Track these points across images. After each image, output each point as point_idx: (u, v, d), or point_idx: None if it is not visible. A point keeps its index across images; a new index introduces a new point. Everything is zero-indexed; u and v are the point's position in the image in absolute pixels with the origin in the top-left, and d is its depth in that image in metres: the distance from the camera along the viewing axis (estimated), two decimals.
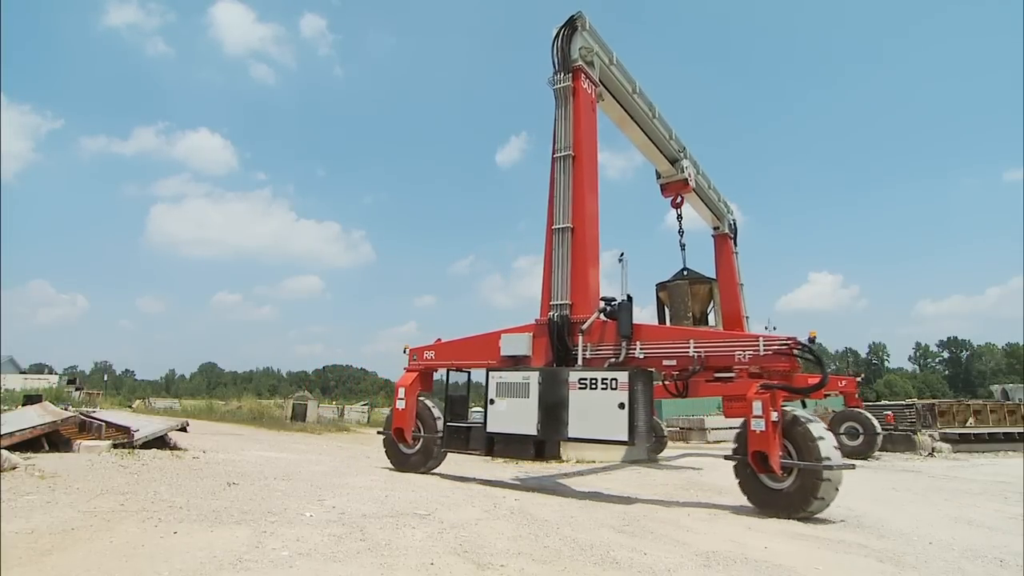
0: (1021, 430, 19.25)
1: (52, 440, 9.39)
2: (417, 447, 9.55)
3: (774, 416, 6.72)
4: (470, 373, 9.93)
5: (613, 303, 8.47)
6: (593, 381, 7.65)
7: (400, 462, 9.67)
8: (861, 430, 16.22)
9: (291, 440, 16.01)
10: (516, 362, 8.81)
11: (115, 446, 9.67)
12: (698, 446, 19.86)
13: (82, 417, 10.70)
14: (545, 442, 8.19)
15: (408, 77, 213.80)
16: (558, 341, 8.56)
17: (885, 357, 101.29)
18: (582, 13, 9.88)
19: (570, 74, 9.64)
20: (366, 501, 6.48)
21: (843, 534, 6.04)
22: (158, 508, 5.56)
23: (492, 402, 8.48)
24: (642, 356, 7.99)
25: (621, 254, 9.11)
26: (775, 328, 16.71)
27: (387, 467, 9.95)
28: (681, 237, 14.90)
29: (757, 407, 6.83)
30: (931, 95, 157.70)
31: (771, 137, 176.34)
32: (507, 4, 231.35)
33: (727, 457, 7.32)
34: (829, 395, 18.85)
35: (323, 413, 26.70)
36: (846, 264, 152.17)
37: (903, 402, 23.31)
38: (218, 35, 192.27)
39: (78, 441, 9.63)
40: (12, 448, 8.28)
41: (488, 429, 8.49)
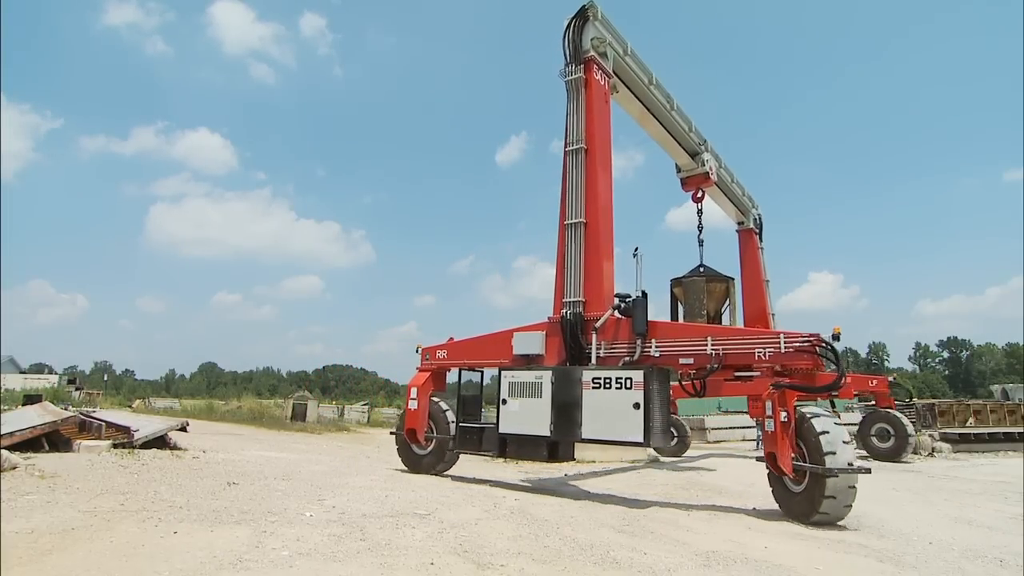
0: (1021, 430, 19.26)
1: (52, 440, 9.38)
2: (430, 448, 9.41)
3: (783, 416, 6.56)
4: (483, 373, 9.73)
5: (628, 300, 8.23)
6: (607, 380, 7.43)
7: (413, 464, 9.54)
8: (893, 432, 15.91)
9: (291, 440, 15.99)
10: (529, 361, 8.61)
11: (115, 446, 9.66)
12: (698, 446, 19.81)
13: (82, 417, 10.69)
14: (559, 443, 8.00)
15: (408, 77, 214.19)
16: (571, 339, 8.34)
17: (885, 357, 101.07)
18: (594, 2, 9.57)
19: (582, 65, 9.37)
20: (366, 501, 6.48)
21: (843, 534, 6.04)
22: (158, 508, 5.57)
23: (504, 402, 8.29)
24: (658, 354, 7.74)
25: (636, 249, 8.74)
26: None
27: (387, 467, 9.95)
28: (700, 233, 14.42)
29: (768, 407, 6.70)
30: (931, 95, 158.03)
31: (771, 137, 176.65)
32: (507, 4, 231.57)
33: (759, 459, 7.15)
34: (857, 395, 18.35)
35: (323, 413, 26.64)
36: (846, 264, 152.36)
37: (903, 402, 23.27)
38: (217, 34, 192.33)
39: (78, 441, 9.62)
40: (12, 448, 8.27)
41: (500, 430, 8.31)
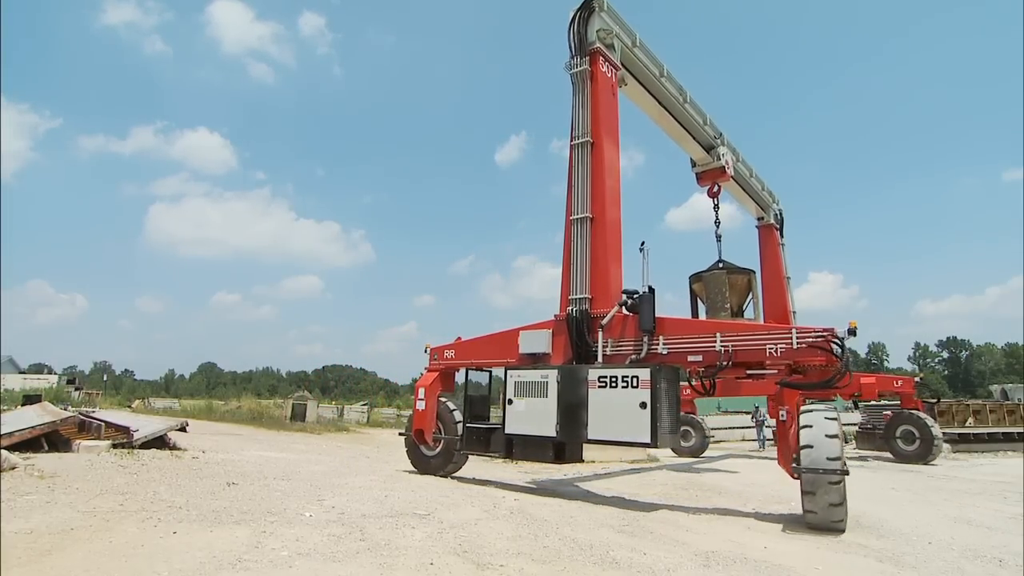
0: (1020, 430, 19.31)
1: (52, 440, 9.38)
2: (438, 449, 9.32)
3: (782, 414, 6.53)
4: (491, 372, 9.59)
5: (635, 296, 8.02)
6: (613, 379, 7.21)
7: (421, 465, 9.44)
8: (918, 434, 15.67)
9: (291, 440, 15.99)
10: (535, 360, 8.45)
11: (114, 446, 9.66)
12: None
13: (81, 417, 10.68)
14: (565, 444, 7.83)
15: (407, 76, 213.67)
16: (577, 337, 8.18)
17: (884, 357, 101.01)
18: None
19: (587, 57, 9.19)
20: (366, 501, 6.48)
21: (842, 534, 6.04)
22: (158, 508, 5.56)
23: (511, 402, 8.09)
24: (666, 352, 7.50)
25: (642, 243, 8.48)
26: None
27: (387, 467, 9.94)
28: (717, 228, 13.98)
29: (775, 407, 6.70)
30: (931, 95, 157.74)
31: (771, 137, 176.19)
32: (507, 3, 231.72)
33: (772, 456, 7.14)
34: (884, 395, 18.00)
35: (323, 413, 26.65)
36: (846, 264, 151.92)
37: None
38: (216, 33, 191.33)
39: (77, 441, 9.62)
40: (12, 448, 8.27)
41: (507, 431, 8.13)
